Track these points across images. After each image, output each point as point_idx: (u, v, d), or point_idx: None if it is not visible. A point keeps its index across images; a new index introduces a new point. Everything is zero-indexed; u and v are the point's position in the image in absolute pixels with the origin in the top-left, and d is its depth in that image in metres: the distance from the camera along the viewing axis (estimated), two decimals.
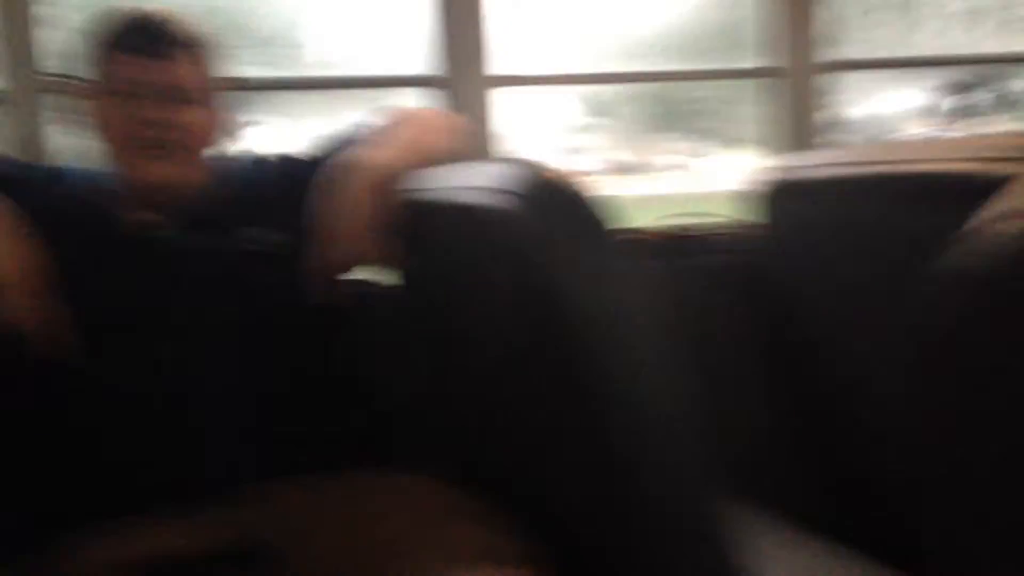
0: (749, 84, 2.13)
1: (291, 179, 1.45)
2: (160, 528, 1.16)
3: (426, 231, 1.26)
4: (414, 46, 1.89)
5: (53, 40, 1.70)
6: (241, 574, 1.12)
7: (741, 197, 1.54)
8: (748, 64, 2.09)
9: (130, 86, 1.30)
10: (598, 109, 2.19)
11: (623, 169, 2.31)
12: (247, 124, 1.86)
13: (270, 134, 1.93)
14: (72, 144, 1.73)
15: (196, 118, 1.34)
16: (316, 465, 1.26)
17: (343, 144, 1.46)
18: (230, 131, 1.46)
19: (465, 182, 1.09)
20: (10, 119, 1.65)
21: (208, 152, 1.39)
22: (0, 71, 1.64)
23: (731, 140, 2.26)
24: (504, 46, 1.94)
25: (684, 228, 1.94)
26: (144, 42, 1.31)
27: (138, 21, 1.33)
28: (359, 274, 1.39)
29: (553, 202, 0.94)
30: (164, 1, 1.71)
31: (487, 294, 1.08)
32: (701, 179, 2.34)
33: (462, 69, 1.87)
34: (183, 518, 1.17)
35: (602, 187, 0.99)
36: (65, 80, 1.59)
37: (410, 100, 1.91)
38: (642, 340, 0.93)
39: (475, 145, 1.85)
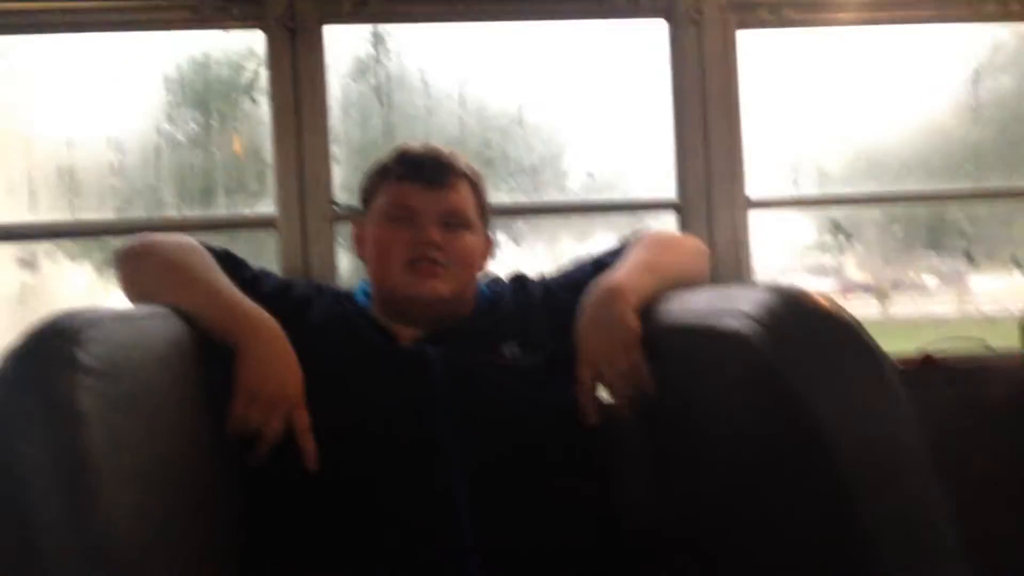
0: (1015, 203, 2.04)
1: (550, 300, 1.52)
2: None
3: (679, 355, 1.28)
4: (671, 169, 1.94)
5: (340, 174, 1.89)
6: None
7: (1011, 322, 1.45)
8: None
9: (415, 212, 1.42)
10: (851, 229, 2.14)
11: (879, 291, 2.22)
12: (510, 245, 1.99)
13: (530, 255, 2.02)
14: (356, 266, 1.92)
15: (471, 242, 1.46)
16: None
17: (601, 266, 1.52)
18: (494, 253, 1.56)
19: (726, 306, 1.10)
20: (307, 245, 1.83)
21: (477, 273, 1.50)
22: (293, 202, 1.83)
23: (993, 261, 2.13)
24: (755, 168, 1.96)
25: (955, 358, 1.85)
26: (429, 173, 1.44)
27: (420, 154, 1.46)
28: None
29: (820, 329, 0.94)
30: (439, 136, 1.90)
31: (744, 420, 1.07)
32: (961, 302, 2.21)
33: (719, 192, 1.90)
34: None
35: (858, 310, 0.98)
36: (350, 210, 1.78)
37: (667, 223, 1.96)
38: (911, 475, 0.90)
39: (718, 268, 1.86)
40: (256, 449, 1.22)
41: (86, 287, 1.96)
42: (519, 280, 1.59)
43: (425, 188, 1.43)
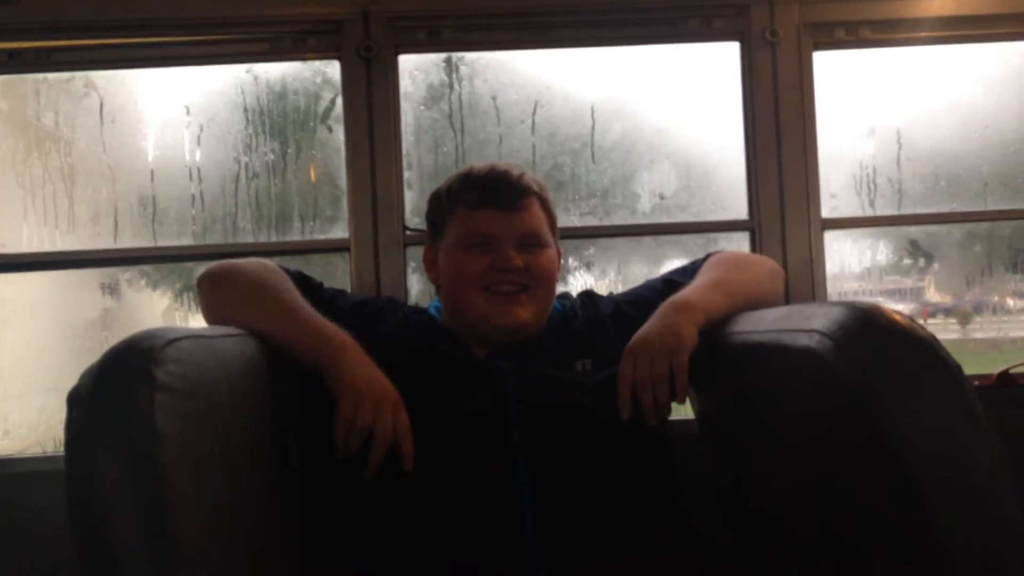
0: None
1: (618, 316, 1.52)
2: None
3: (750, 372, 1.26)
4: (743, 191, 1.92)
5: (412, 199, 1.92)
6: None
7: None
8: None
9: (493, 238, 1.42)
10: (931, 250, 2.09)
11: (959, 313, 2.16)
12: (581, 271, 1.99)
13: (602, 281, 2.02)
14: (427, 288, 1.93)
15: (548, 258, 1.46)
16: None
17: (671, 284, 1.51)
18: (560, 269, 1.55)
19: (798, 323, 1.08)
20: (379, 268, 1.86)
21: (555, 288, 1.49)
22: (366, 226, 1.86)
23: None
24: (830, 188, 1.93)
25: None
26: (502, 197, 1.43)
27: (492, 178, 1.46)
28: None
29: (894, 345, 0.92)
30: (511, 160, 1.91)
31: (816, 437, 1.05)
32: None
33: (792, 212, 1.88)
34: None
35: (938, 332, 0.95)
36: (421, 233, 1.79)
37: (740, 244, 1.93)
38: (990, 492, 0.87)
39: (791, 290, 1.83)
40: (370, 457, 1.22)
41: (164, 312, 2.01)
42: (588, 296, 1.60)
43: (500, 213, 1.43)
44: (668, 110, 1.99)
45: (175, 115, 1.96)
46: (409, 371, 1.36)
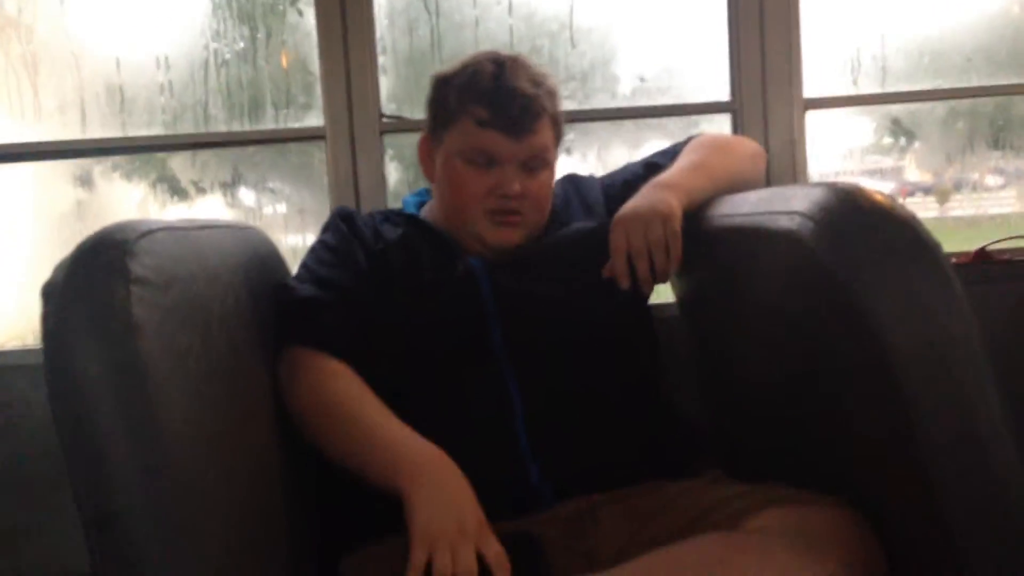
0: None
1: (605, 189, 1.52)
2: None
3: (730, 255, 1.26)
4: (725, 71, 1.89)
5: (387, 85, 1.87)
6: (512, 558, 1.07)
7: None
8: None
9: (497, 159, 1.37)
10: (913, 128, 2.07)
11: (939, 192, 2.16)
12: (561, 156, 1.96)
13: (582, 165, 2.00)
14: (405, 178, 1.91)
15: (547, 179, 1.42)
16: (614, 481, 1.26)
17: (651, 166, 1.50)
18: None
19: (778, 205, 1.08)
20: (356, 157, 1.83)
21: (548, 207, 1.45)
22: (341, 114, 1.83)
23: None
24: (812, 67, 1.89)
25: (1012, 251, 1.80)
26: (514, 122, 1.36)
27: (504, 96, 1.36)
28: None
29: (875, 225, 0.92)
30: (488, 44, 1.86)
31: (797, 318, 1.06)
32: None
33: (774, 93, 1.85)
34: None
35: (917, 211, 0.95)
36: (398, 120, 1.75)
37: (721, 126, 1.91)
38: (966, 367, 0.88)
39: (773, 171, 1.82)
40: None
41: (139, 203, 1.98)
42: (571, 181, 1.58)
43: (509, 137, 1.36)
44: None
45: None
46: (392, 275, 1.36)
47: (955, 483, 0.88)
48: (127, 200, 2.01)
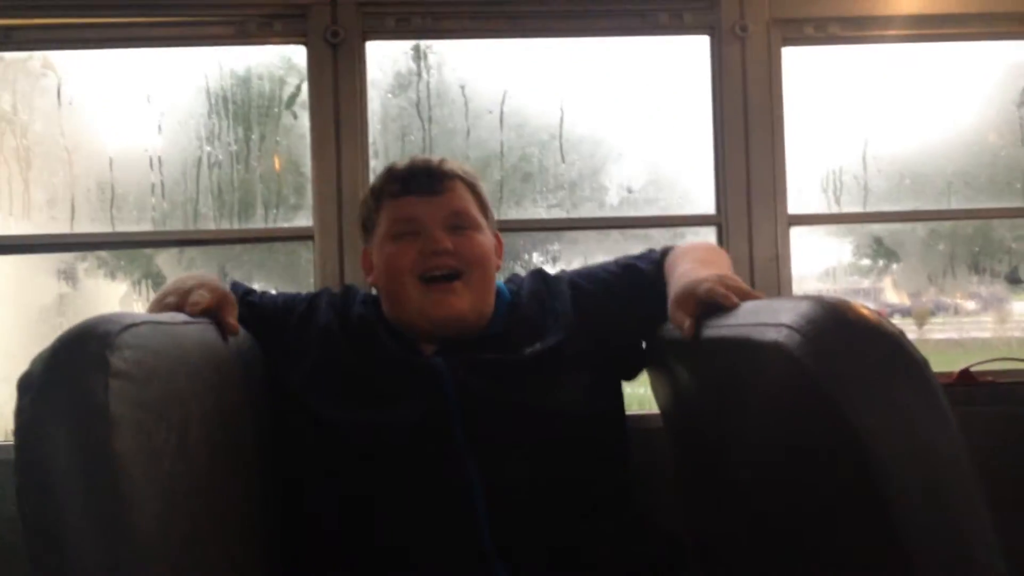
0: None
1: (574, 288, 1.49)
2: None
3: (717, 366, 1.25)
4: (711, 186, 1.92)
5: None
6: None
7: None
8: None
9: (418, 223, 1.40)
10: (894, 248, 2.10)
11: (918, 314, 2.18)
12: (547, 266, 1.97)
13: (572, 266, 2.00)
14: None
15: (481, 240, 1.43)
16: None
17: (627, 267, 1.51)
18: (502, 257, 1.54)
19: (765, 318, 1.08)
20: (343, 258, 1.83)
21: (493, 274, 1.46)
22: (331, 216, 1.83)
23: None
24: (797, 185, 1.93)
25: (994, 373, 1.81)
26: (423, 182, 1.42)
27: (410, 167, 1.45)
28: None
29: (863, 339, 0.91)
30: (479, 151, 1.90)
31: (782, 432, 1.05)
32: (1002, 326, 2.16)
33: (759, 208, 1.88)
34: None
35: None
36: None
37: (708, 237, 1.93)
38: (956, 488, 0.87)
39: (757, 286, 1.84)
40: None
41: (122, 299, 1.97)
42: (539, 274, 1.56)
43: (422, 197, 1.41)
44: (637, 103, 1.98)
45: (136, 99, 1.92)
46: (350, 369, 1.36)
47: None
48: (111, 295, 2.00)
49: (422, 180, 1.42)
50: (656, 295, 1.38)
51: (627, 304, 1.47)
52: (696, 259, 1.42)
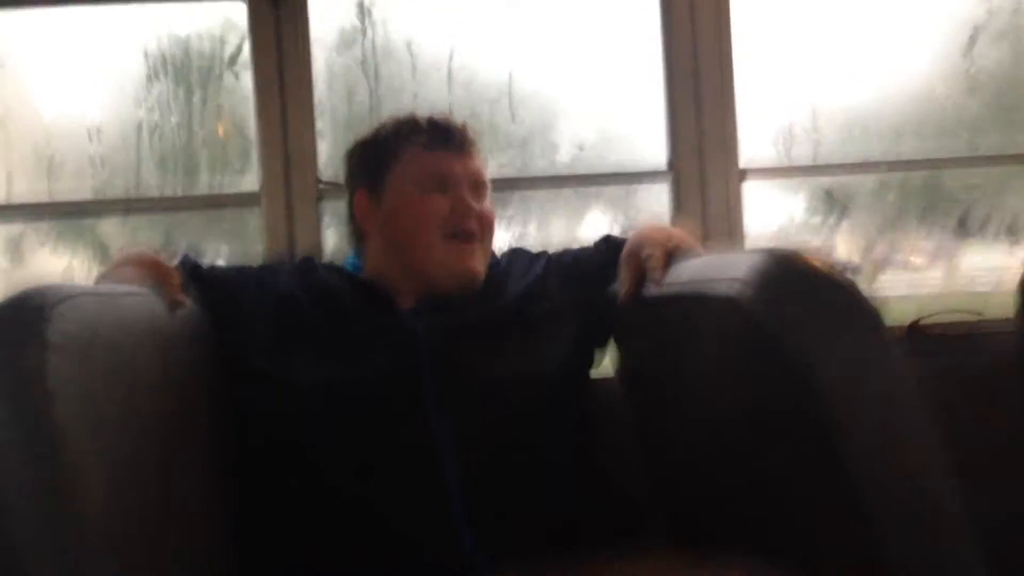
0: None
1: (553, 263, 1.50)
2: None
3: (669, 324, 1.25)
4: (664, 139, 1.91)
5: (325, 149, 1.86)
6: None
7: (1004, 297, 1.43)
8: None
9: (450, 180, 1.37)
10: (845, 200, 2.11)
11: (866, 268, 2.19)
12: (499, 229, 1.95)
13: (521, 240, 1.98)
14: (342, 245, 1.88)
15: (492, 209, 1.44)
16: (552, 551, 1.22)
17: (599, 249, 1.52)
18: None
19: (716, 272, 1.07)
20: (292, 222, 1.80)
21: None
22: (277, 179, 1.80)
23: (986, 234, 2.10)
24: (748, 137, 1.93)
25: (944, 325, 1.83)
26: (456, 139, 1.40)
27: (440, 121, 1.41)
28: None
29: (814, 289, 0.91)
30: (427, 109, 1.86)
31: (736, 385, 1.05)
32: (951, 279, 2.19)
33: (712, 162, 1.87)
34: None
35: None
36: (336, 187, 1.73)
37: (659, 193, 1.93)
38: (909, 433, 0.88)
39: (710, 240, 1.83)
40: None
41: (64, 272, 1.92)
42: (516, 249, 1.57)
43: (455, 155, 1.39)
44: (587, 57, 1.96)
45: (69, 60, 1.85)
46: (317, 331, 1.33)
47: (901, 550, 0.86)
48: (53, 269, 1.94)
49: (454, 136, 1.40)
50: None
51: (598, 272, 1.47)
52: (653, 225, 1.44)
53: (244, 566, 1.28)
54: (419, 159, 1.39)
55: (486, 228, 1.40)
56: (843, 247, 2.19)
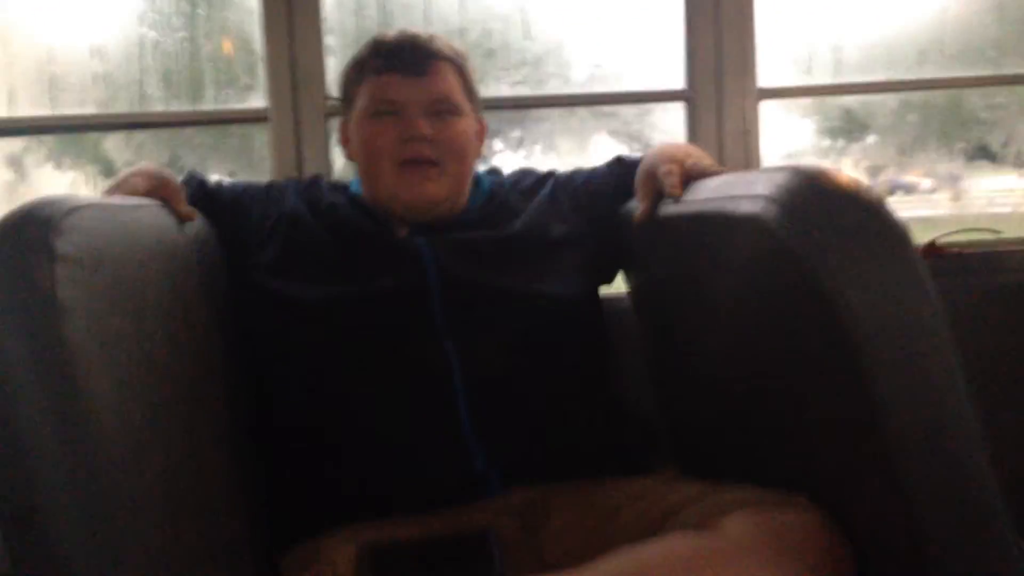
0: None
1: (561, 184, 1.48)
2: (399, 523, 1.17)
3: (690, 243, 1.23)
4: (681, 59, 1.86)
5: (335, 66, 1.80)
6: (463, 558, 1.10)
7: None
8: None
9: (399, 105, 1.35)
10: (863, 122, 2.07)
11: (889, 187, 2.16)
12: (506, 153, 1.93)
13: (529, 162, 1.95)
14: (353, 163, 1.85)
15: (463, 128, 1.38)
16: (563, 472, 1.24)
17: (610, 172, 1.49)
18: (486, 135, 1.50)
19: (740, 190, 1.05)
20: (300, 140, 1.76)
21: (473, 160, 1.43)
22: (285, 96, 1.76)
23: (1008, 156, 2.07)
24: (766, 59, 1.88)
25: (962, 244, 1.81)
26: (408, 61, 1.35)
27: (398, 42, 1.37)
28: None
29: (841, 208, 0.89)
30: (439, 26, 1.82)
31: (760, 305, 1.03)
32: (973, 197, 2.16)
33: (729, 82, 1.83)
34: (427, 515, 1.18)
35: None
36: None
37: (675, 114, 1.89)
38: (934, 352, 0.86)
39: (726, 162, 1.81)
40: None
41: (71, 186, 1.90)
42: (522, 169, 1.54)
43: (407, 78, 1.35)
44: None
45: None
46: (324, 250, 1.32)
47: (921, 474, 0.85)
48: (59, 184, 1.92)
49: (407, 58, 1.35)
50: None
51: (612, 192, 1.46)
52: (670, 143, 1.42)
53: (257, 483, 1.28)
54: (371, 85, 1.37)
55: (445, 150, 1.35)
56: (853, 169, 2.16)
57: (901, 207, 2.02)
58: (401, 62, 1.35)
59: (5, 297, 0.83)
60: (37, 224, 0.88)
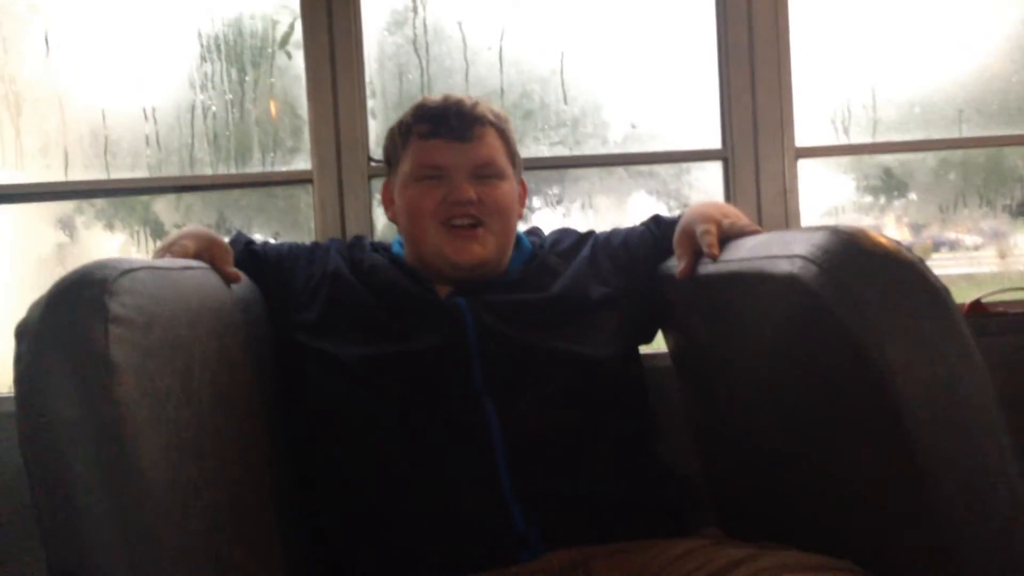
0: None
1: (601, 246, 1.49)
2: None
3: (728, 302, 1.23)
4: (716, 120, 1.88)
5: (376, 129, 1.85)
6: None
7: None
8: None
9: (444, 169, 1.37)
10: (901, 180, 2.06)
11: (918, 248, 2.14)
12: (545, 210, 1.95)
13: (567, 220, 1.97)
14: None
15: (506, 191, 1.41)
16: (604, 532, 1.23)
17: (647, 232, 1.50)
18: (527, 197, 1.52)
19: (778, 249, 1.05)
20: (343, 201, 1.80)
21: (516, 222, 1.45)
22: (329, 158, 1.80)
23: None
24: (802, 117, 1.89)
25: (1007, 303, 1.79)
26: (453, 126, 1.38)
27: (443, 107, 1.40)
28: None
29: (881, 268, 0.89)
30: (478, 88, 1.86)
31: (800, 366, 1.02)
32: (1010, 259, 2.13)
33: (766, 141, 1.84)
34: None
35: None
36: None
37: (713, 174, 1.90)
38: (977, 410, 0.85)
39: (764, 221, 1.82)
40: None
41: (121, 248, 1.94)
42: (562, 229, 1.56)
43: (452, 143, 1.38)
44: (641, 35, 1.92)
45: (125, 42, 1.86)
46: (366, 310, 1.34)
47: (969, 536, 0.84)
48: (109, 245, 1.97)
49: (452, 123, 1.38)
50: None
51: (651, 252, 1.47)
52: (707, 203, 1.42)
53: (300, 540, 1.29)
54: (417, 151, 1.40)
55: (490, 213, 1.38)
56: (895, 229, 2.14)
57: (945, 264, 2.03)
58: (446, 127, 1.38)
59: (60, 356, 0.86)
60: (92, 285, 0.91)
